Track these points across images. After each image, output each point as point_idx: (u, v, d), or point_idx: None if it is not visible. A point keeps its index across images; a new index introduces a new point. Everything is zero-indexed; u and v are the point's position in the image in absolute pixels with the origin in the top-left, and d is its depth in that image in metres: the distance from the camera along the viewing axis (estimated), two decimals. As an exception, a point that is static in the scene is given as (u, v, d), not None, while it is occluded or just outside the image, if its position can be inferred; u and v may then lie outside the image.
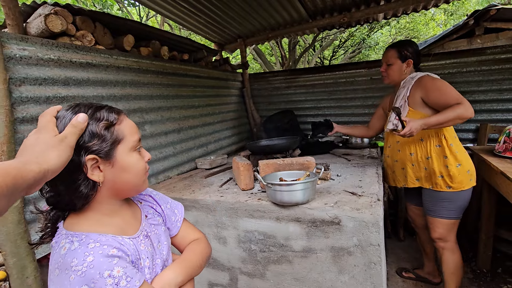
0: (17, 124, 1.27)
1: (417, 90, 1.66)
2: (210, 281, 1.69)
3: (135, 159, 0.71)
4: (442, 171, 1.65)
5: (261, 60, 8.52)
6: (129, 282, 0.60)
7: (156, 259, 0.77)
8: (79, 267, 0.57)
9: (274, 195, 1.38)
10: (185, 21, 2.91)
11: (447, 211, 1.68)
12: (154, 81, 2.13)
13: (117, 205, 0.74)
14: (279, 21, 3.09)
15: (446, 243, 1.72)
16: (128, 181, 0.71)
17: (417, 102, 1.67)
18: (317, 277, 1.37)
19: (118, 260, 0.62)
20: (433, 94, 1.60)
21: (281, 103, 3.54)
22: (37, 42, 1.37)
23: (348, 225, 1.26)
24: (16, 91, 1.28)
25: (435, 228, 1.74)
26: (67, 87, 1.50)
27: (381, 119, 2.10)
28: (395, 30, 10.58)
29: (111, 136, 0.66)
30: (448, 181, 1.64)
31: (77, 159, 0.61)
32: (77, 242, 0.61)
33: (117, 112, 0.70)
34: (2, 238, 1.19)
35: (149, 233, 0.79)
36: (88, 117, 0.64)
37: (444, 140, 1.65)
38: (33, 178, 0.47)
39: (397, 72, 1.81)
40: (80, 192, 0.64)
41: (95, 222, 0.68)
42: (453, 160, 1.62)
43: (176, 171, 2.28)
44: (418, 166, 1.73)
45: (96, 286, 0.57)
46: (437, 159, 1.66)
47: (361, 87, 3.05)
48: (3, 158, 1.17)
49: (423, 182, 1.74)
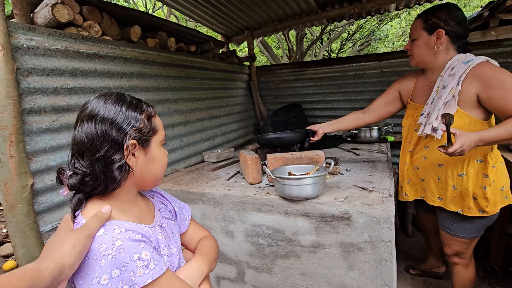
0: (25, 115, 1.27)
1: (473, 83, 1.19)
2: (217, 275, 1.69)
3: (162, 153, 0.78)
4: (477, 192, 1.27)
5: (267, 53, 8.43)
6: (157, 265, 0.62)
7: (172, 249, 0.79)
8: (108, 251, 0.58)
9: (283, 189, 1.36)
10: (192, 12, 2.86)
11: (468, 231, 1.37)
12: (161, 73, 2.11)
13: (135, 195, 0.77)
14: (288, 12, 3.02)
15: (461, 259, 1.47)
16: (153, 172, 0.76)
17: (470, 101, 1.21)
18: (325, 273, 1.35)
19: (145, 245, 0.63)
20: (495, 93, 1.14)
21: (289, 97, 3.49)
22: (44, 32, 1.35)
23: (358, 220, 1.23)
24: (23, 81, 1.27)
25: (451, 245, 1.46)
26: (74, 78, 1.49)
27: (392, 105, 1.65)
28: (405, 23, 10.33)
29: (150, 126, 0.73)
30: (482, 205, 1.27)
31: (121, 140, 0.67)
32: (102, 229, 0.62)
33: (152, 107, 0.77)
34: (12, 229, 1.19)
35: (163, 224, 0.81)
36: (134, 106, 0.70)
37: (489, 154, 1.24)
38: (50, 275, 0.48)
39: (422, 49, 1.35)
40: (114, 175, 0.67)
41: (116, 210, 0.69)
42: (493, 178, 1.26)
43: (183, 164, 2.27)
44: (445, 182, 1.35)
45: (127, 269, 0.58)
46: (474, 177, 1.27)
47: (371, 80, 2.98)
48: (12, 149, 1.16)
49: (447, 203, 1.37)
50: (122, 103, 0.69)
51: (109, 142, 0.66)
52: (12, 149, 1.16)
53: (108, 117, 0.66)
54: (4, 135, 1.15)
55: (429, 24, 1.31)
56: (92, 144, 0.65)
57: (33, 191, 1.26)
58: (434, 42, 1.31)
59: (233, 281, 1.64)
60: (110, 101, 0.69)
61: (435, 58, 1.35)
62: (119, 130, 0.67)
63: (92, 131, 0.65)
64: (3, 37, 1.13)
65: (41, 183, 1.32)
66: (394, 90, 1.64)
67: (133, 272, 0.58)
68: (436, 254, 1.98)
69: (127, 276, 0.58)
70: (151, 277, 0.60)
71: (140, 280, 0.59)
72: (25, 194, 1.21)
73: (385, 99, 1.68)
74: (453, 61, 1.29)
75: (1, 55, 1.13)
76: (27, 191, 1.22)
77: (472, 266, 1.50)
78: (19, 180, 1.19)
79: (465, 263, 1.48)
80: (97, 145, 0.65)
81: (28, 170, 1.23)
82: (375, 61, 2.93)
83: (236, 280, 1.63)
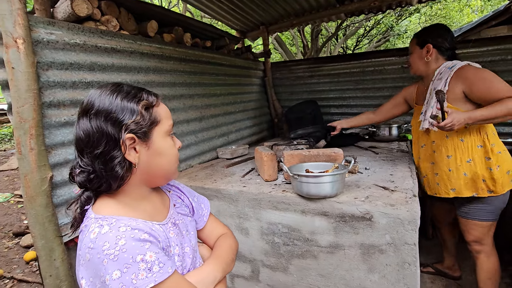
0: (45, 109, 1.28)
1: (458, 83, 1.43)
2: (231, 273, 1.67)
3: (169, 144, 0.71)
4: (485, 174, 1.45)
5: (282, 50, 8.34)
6: (161, 268, 0.58)
7: (185, 247, 0.75)
8: (111, 251, 0.55)
9: (300, 187, 1.31)
10: (208, 8, 2.85)
11: (484, 213, 1.51)
12: (176, 68, 2.10)
13: (147, 191, 0.74)
14: (305, 7, 2.95)
15: (482, 246, 1.56)
16: (161, 166, 0.70)
17: (457, 97, 1.44)
18: (344, 275, 1.31)
19: (150, 245, 0.59)
20: (478, 87, 1.38)
21: (304, 93, 3.42)
22: (63, 26, 1.36)
23: (380, 221, 1.18)
24: (43, 75, 1.28)
25: (470, 230, 1.57)
26: (92, 72, 1.50)
27: (398, 107, 1.95)
28: (425, 18, 9.97)
29: (149, 117, 0.67)
30: (490, 184, 1.45)
31: (117, 135, 0.62)
32: (107, 226, 0.59)
33: (155, 95, 0.71)
34: (31, 221, 1.21)
35: (177, 221, 0.78)
36: (131, 96, 0.65)
37: (487, 139, 1.45)
38: None
39: (417, 60, 1.64)
40: (116, 172, 0.63)
41: (125, 206, 0.67)
42: (495, 161, 1.44)
43: (198, 160, 2.26)
44: (457, 172, 1.50)
45: (129, 271, 0.55)
46: (479, 161, 1.45)
47: (390, 76, 2.87)
48: (32, 142, 1.18)
49: (462, 190, 1.50)
50: (117, 94, 0.64)
51: (106, 137, 0.62)
52: (32, 142, 1.18)
53: (102, 110, 0.62)
54: (24, 128, 1.16)
55: (421, 40, 1.61)
56: (89, 141, 0.62)
57: (52, 184, 1.27)
58: (425, 54, 1.59)
59: (248, 280, 1.62)
60: (104, 93, 0.64)
61: (427, 67, 1.62)
62: (114, 124, 0.62)
63: (88, 127, 0.62)
64: (24, 31, 1.14)
65: (59, 176, 1.33)
66: (400, 96, 1.94)
67: (135, 275, 0.55)
68: (451, 253, 2.01)
69: (128, 278, 0.54)
70: (153, 281, 0.56)
71: (141, 283, 0.55)
72: (44, 187, 1.22)
73: (392, 103, 1.98)
74: (441, 67, 1.55)
75: (22, 49, 1.14)
76: (46, 184, 1.23)
77: (494, 257, 1.57)
78: (38, 173, 1.20)
79: (487, 251, 1.55)
80: (94, 142, 0.62)
81: (47, 163, 1.24)
82: (395, 56, 2.82)
83: (250, 279, 1.61)
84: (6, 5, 1.10)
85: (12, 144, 6.49)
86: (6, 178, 4.66)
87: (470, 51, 2.45)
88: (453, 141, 1.50)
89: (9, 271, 2.55)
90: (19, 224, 3.27)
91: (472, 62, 1.48)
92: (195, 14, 8.22)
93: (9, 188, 4.29)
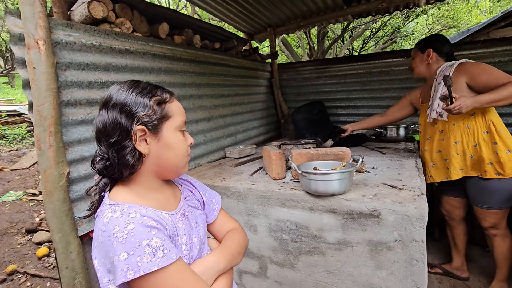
0: (62, 107, 1.33)
1: (461, 77, 1.59)
2: (239, 269, 1.70)
3: (179, 139, 0.75)
4: (492, 158, 1.58)
5: (288, 52, 8.38)
6: (166, 254, 0.61)
7: (193, 238, 0.78)
8: (120, 234, 0.59)
9: (308, 184, 1.34)
10: (215, 10, 2.90)
11: (498, 202, 1.62)
12: (186, 69, 2.15)
13: (159, 184, 0.77)
14: (312, 8, 2.98)
15: (498, 230, 1.70)
16: (170, 159, 0.74)
17: (461, 89, 1.60)
18: (351, 271, 1.32)
19: (157, 232, 0.63)
20: (481, 77, 1.54)
21: (311, 94, 3.45)
22: (80, 28, 1.42)
23: (388, 218, 1.19)
24: (62, 75, 1.33)
25: (485, 218, 1.70)
26: (107, 73, 1.55)
27: (403, 109, 2.11)
28: (432, 19, 9.91)
29: (161, 112, 0.71)
30: (498, 167, 1.57)
31: (129, 126, 0.67)
32: (119, 211, 0.63)
33: (170, 93, 0.76)
34: (49, 215, 1.26)
35: (187, 213, 0.81)
36: (145, 92, 0.70)
37: (493, 125, 1.58)
38: None
39: (419, 63, 1.85)
40: (127, 160, 0.68)
41: (137, 195, 0.71)
42: (503, 146, 1.56)
43: (206, 159, 2.30)
44: (464, 155, 1.66)
45: (135, 254, 0.58)
46: (486, 145, 1.59)
47: (397, 77, 2.88)
48: (51, 138, 1.23)
49: (468, 170, 1.67)
50: (133, 89, 0.70)
51: (119, 128, 0.67)
52: (51, 139, 1.23)
53: (118, 103, 0.68)
54: (44, 125, 1.21)
55: (421, 47, 1.83)
56: (106, 130, 0.68)
57: (68, 180, 1.32)
58: (426, 58, 1.80)
59: (256, 276, 1.64)
60: (123, 88, 0.70)
61: (429, 69, 1.81)
62: (127, 116, 0.67)
63: (105, 118, 0.68)
64: (45, 32, 1.19)
65: (75, 173, 1.38)
66: (406, 99, 2.10)
67: (140, 258, 0.58)
68: (460, 253, 2.04)
69: (134, 261, 0.57)
70: (157, 265, 0.59)
71: (146, 266, 0.58)
72: (61, 182, 1.27)
73: (398, 105, 2.14)
74: (442, 67, 1.73)
75: (43, 50, 1.19)
76: (63, 179, 1.28)
77: (509, 236, 1.72)
78: (56, 169, 1.25)
79: (502, 234, 1.70)
80: (109, 131, 0.67)
81: (64, 159, 1.29)
82: (403, 57, 2.83)
83: (258, 275, 1.63)
84: (29, 8, 1.15)
85: (24, 144, 6.64)
86: (18, 177, 4.77)
87: (479, 52, 2.45)
88: (460, 128, 1.66)
89: (23, 266, 2.62)
90: (32, 221, 3.36)
91: (480, 62, 1.63)
92: (203, 17, 8.32)
93: (21, 187, 4.40)
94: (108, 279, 0.62)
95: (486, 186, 1.62)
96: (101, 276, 0.63)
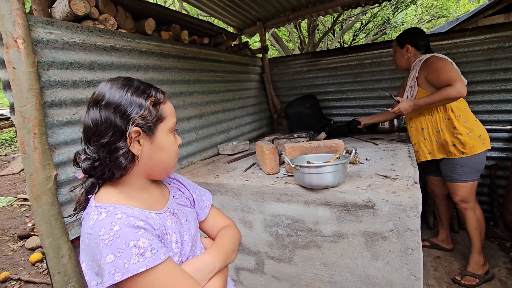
0: (47, 108, 1.29)
1: (423, 71, 1.81)
2: (236, 265, 1.69)
3: (171, 140, 0.75)
4: (454, 140, 1.80)
5: (279, 46, 8.33)
6: (154, 254, 0.59)
7: (184, 235, 0.77)
8: (106, 236, 0.58)
9: (302, 178, 1.33)
10: (203, 5, 2.85)
11: (464, 175, 1.84)
12: (175, 65, 2.11)
13: (147, 183, 0.76)
14: (301, 1, 2.95)
15: (467, 203, 1.89)
16: (162, 160, 0.73)
17: (424, 82, 1.82)
18: (348, 263, 1.32)
19: (144, 232, 0.61)
20: (431, 75, 1.76)
21: (303, 88, 3.43)
22: (62, 25, 1.37)
23: (383, 209, 1.19)
24: (44, 75, 1.28)
25: (456, 192, 1.90)
26: (93, 72, 1.50)
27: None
28: (421, 10, 9.95)
29: (156, 113, 0.70)
30: (460, 148, 1.79)
31: (124, 127, 0.65)
32: (105, 213, 0.62)
33: (163, 92, 0.75)
34: (38, 219, 1.22)
35: (176, 211, 0.80)
36: (140, 92, 0.68)
37: (452, 113, 1.79)
38: None
39: (399, 58, 2.03)
40: (120, 162, 0.66)
41: (124, 195, 0.69)
42: (463, 129, 1.76)
43: (199, 157, 2.27)
44: (430, 140, 1.90)
45: (121, 255, 0.57)
46: (447, 130, 1.81)
47: (388, 68, 2.88)
48: (36, 141, 1.19)
49: (435, 153, 1.91)
50: (128, 88, 0.67)
51: (113, 128, 0.65)
52: (35, 141, 1.19)
53: (112, 102, 0.65)
54: (28, 127, 1.17)
55: (400, 42, 2.02)
56: (97, 130, 0.65)
57: (56, 183, 1.28)
58: (405, 53, 1.98)
59: (253, 272, 1.63)
60: (116, 86, 0.67)
61: (408, 62, 2.00)
62: (122, 117, 0.65)
63: (97, 117, 0.65)
64: (23, 30, 1.14)
65: (63, 175, 1.34)
66: (400, 89, 2.26)
67: (127, 259, 0.56)
68: (444, 227, 2.29)
69: (121, 262, 0.56)
70: (145, 266, 0.57)
71: (133, 267, 0.56)
72: (49, 185, 1.23)
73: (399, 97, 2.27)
74: (416, 61, 1.93)
75: (22, 49, 1.14)
76: (51, 182, 1.24)
77: (478, 209, 1.91)
78: (43, 172, 1.21)
79: (472, 207, 1.89)
80: (101, 131, 0.65)
81: (51, 161, 1.25)
82: (393, 48, 2.81)
83: (255, 271, 1.62)
84: (5, 5, 1.10)
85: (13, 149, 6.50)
86: (8, 183, 4.68)
87: (468, 40, 2.45)
88: (425, 117, 1.90)
89: (16, 273, 2.57)
90: (23, 227, 3.29)
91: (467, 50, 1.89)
92: (191, 12, 8.20)
93: (11, 192, 4.31)
94: (96, 282, 0.61)
95: (453, 163, 1.85)
96: (89, 279, 0.61)
